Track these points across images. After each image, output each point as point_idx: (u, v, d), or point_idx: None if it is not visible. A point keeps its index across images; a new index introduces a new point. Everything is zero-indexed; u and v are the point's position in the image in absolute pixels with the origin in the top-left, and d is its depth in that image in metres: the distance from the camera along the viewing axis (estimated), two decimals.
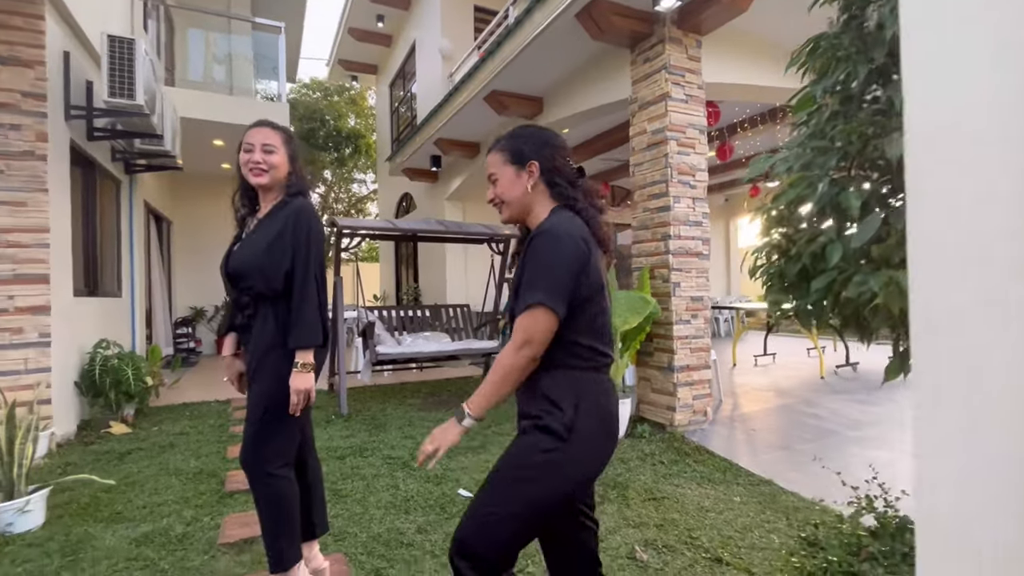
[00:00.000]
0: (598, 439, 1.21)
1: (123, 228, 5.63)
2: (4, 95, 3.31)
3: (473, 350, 5.12)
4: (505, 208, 1.34)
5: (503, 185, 1.31)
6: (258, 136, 1.72)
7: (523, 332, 1.14)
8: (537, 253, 1.18)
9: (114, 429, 3.95)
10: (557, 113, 5.54)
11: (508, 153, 1.32)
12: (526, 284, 1.17)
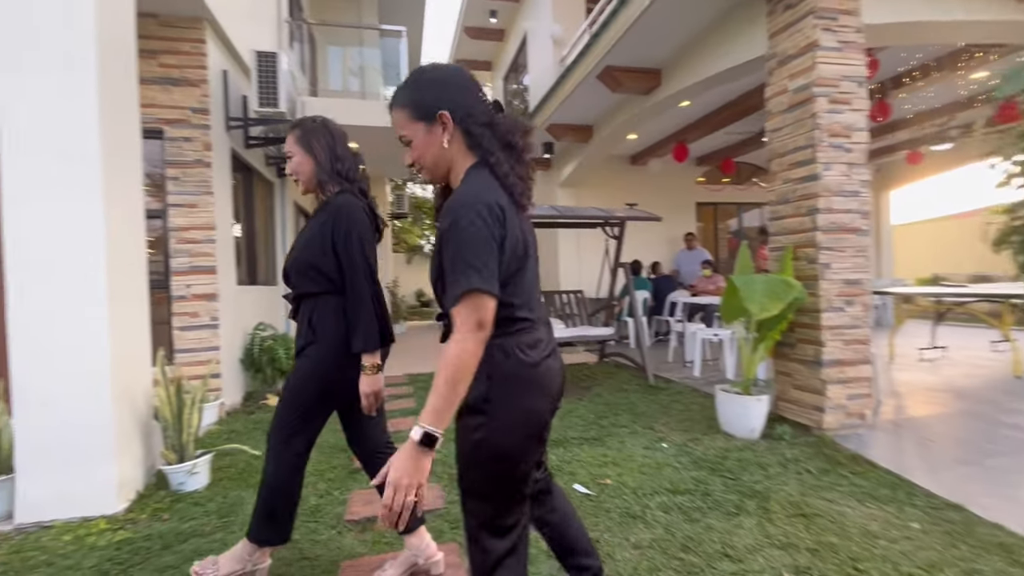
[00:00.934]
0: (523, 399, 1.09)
1: (276, 225, 6.38)
2: (177, 112, 3.88)
3: (588, 337, 4.95)
4: (426, 171, 1.17)
5: (418, 146, 1.13)
6: (286, 142, 1.78)
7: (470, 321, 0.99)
8: (454, 229, 1.01)
9: (269, 401, 4.48)
10: (677, 84, 5.08)
11: (411, 107, 1.12)
12: (452, 269, 1.01)
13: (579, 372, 5.57)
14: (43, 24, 2.31)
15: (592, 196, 8.58)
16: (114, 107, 2.50)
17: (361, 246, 1.67)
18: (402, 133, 1.14)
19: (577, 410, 4.01)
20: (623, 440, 3.28)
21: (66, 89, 2.33)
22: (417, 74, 1.16)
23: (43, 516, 2.31)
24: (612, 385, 4.87)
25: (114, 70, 2.51)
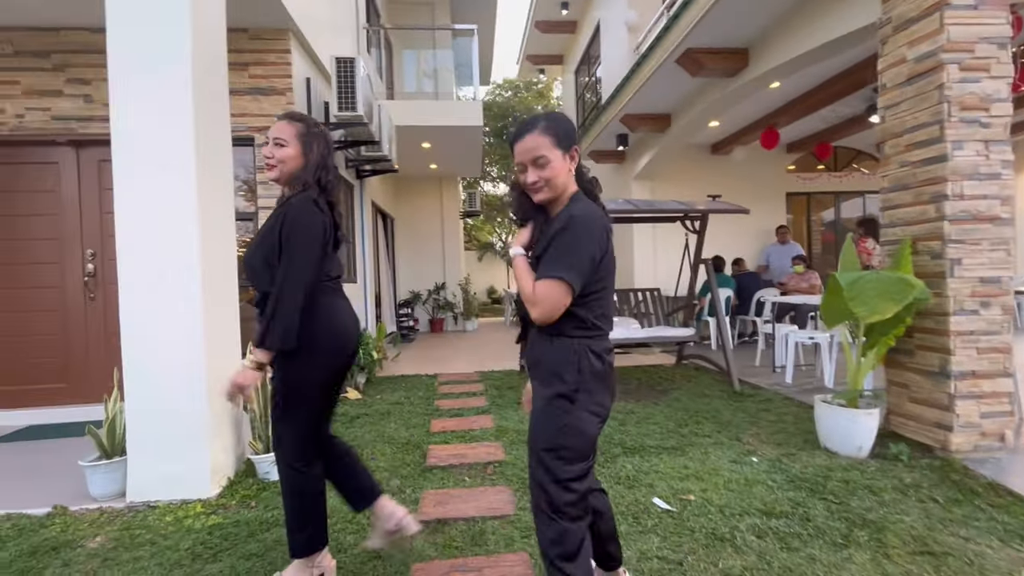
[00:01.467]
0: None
1: (356, 225, 6.66)
2: (266, 120, 4.11)
3: (665, 338, 4.67)
4: (547, 191, 1.35)
5: (553, 169, 1.32)
6: (273, 129, 1.71)
7: (537, 294, 1.26)
8: (570, 235, 1.26)
9: (350, 395, 4.66)
10: (766, 63, 4.64)
11: (555, 136, 1.33)
12: (553, 258, 1.26)
13: (655, 374, 5.29)
14: (147, 50, 2.49)
15: (669, 189, 8.16)
16: (207, 121, 2.66)
17: (302, 247, 1.60)
18: (543, 154, 1.32)
19: (654, 416, 3.79)
20: (706, 451, 3.03)
21: (166, 108, 2.50)
22: (557, 115, 1.41)
23: (150, 496, 2.51)
24: (692, 390, 4.56)
25: (207, 87, 2.66)
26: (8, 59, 3.97)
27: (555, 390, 1.32)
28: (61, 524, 2.31)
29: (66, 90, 4.02)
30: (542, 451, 1.34)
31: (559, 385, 1.32)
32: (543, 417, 1.35)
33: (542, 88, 18.91)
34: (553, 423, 1.32)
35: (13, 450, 3.46)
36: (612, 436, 3.31)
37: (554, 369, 1.33)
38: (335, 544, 2.09)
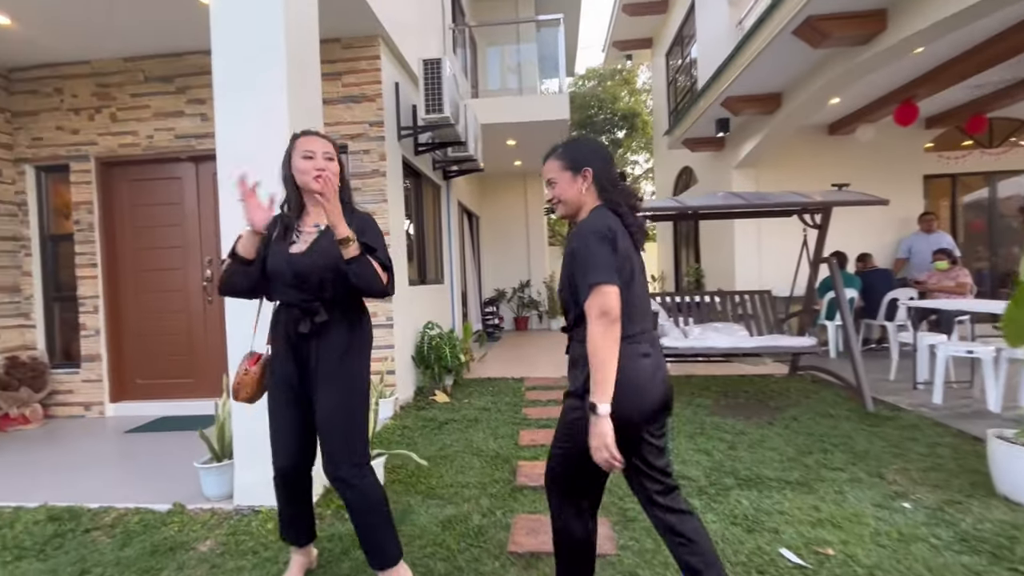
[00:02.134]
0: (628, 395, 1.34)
1: (443, 225, 6.71)
2: (358, 127, 4.18)
3: (780, 348, 4.15)
4: (561, 207, 1.56)
5: (560, 189, 1.54)
6: (318, 144, 1.78)
7: (597, 308, 1.31)
8: (583, 243, 1.38)
9: (438, 397, 4.67)
10: (910, 26, 3.92)
11: (567, 160, 1.53)
12: (582, 271, 1.36)
13: (766, 387, 4.73)
14: (245, 68, 2.55)
15: (776, 176, 7.34)
16: None
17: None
18: (551, 176, 1.56)
19: (769, 439, 3.34)
20: (841, 490, 2.58)
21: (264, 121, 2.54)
22: (575, 141, 1.59)
23: (254, 500, 2.59)
24: (813, 407, 4.01)
25: (301, 100, 2.68)
26: (140, 85, 4.39)
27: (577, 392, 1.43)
28: (179, 523, 2.45)
29: (186, 110, 4.36)
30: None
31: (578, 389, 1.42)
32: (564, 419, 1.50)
33: (627, 75, 18.13)
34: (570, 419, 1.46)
35: (147, 440, 3.82)
36: (722, 463, 2.94)
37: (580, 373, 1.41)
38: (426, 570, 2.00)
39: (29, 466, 3.34)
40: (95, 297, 4.48)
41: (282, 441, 1.82)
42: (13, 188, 4.51)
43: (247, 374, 1.81)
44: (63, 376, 4.53)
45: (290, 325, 1.76)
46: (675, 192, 11.00)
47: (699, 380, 5.11)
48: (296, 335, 1.75)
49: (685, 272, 10.14)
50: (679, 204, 3.96)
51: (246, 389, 1.82)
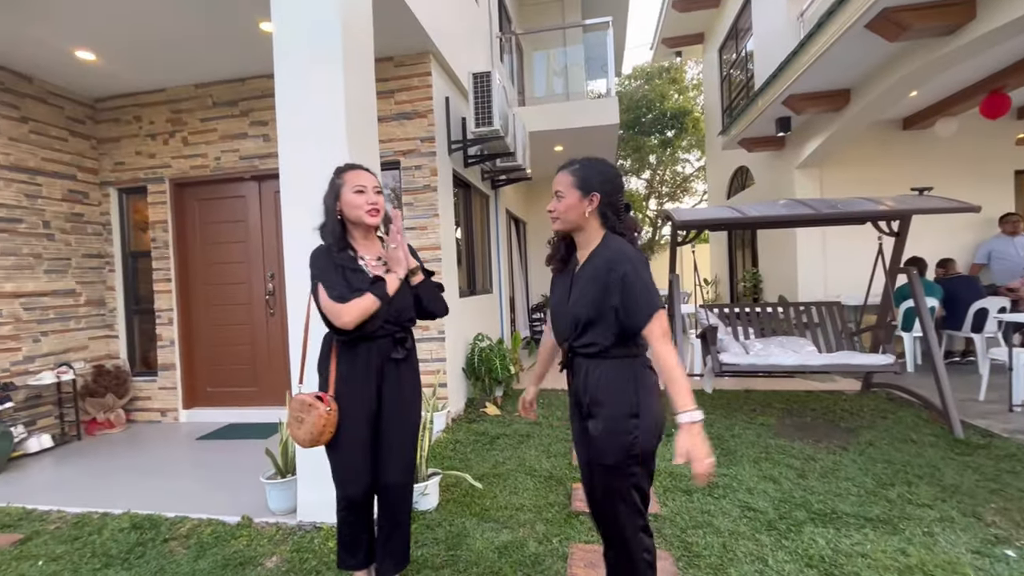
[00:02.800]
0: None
1: (491, 234, 6.73)
2: (410, 143, 4.24)
3: (853, 367, 3.85)
4: (559, 222, 1.61)
5: (565, 204, 1.57)
6: (368, 179, 1.85)
7: (661, 330, 1.44)
8: (636, 270, 1.46)
9: (488, 410, 4.66)
10: (1002, 15, 3.55)
11: (578, 179, 1.56)
12: (643, 295, 1.44)
13: (836, 406, 4.43)
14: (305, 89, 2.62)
15: (843, 176, 6.90)
16: (360, 151, 2.73)
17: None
18: (560, 189, 1.59)
19: (843, 467, 3.11)
20: (931, 530, 2.36)
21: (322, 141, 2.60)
22: (593, 162, 1.60)
23: (315, 517, 2.66)
24: (891, 431, 3.71)
25: (357, 121, 2.73)
26: (209, 110, 4.64)
27: (622, 410, 1.48)
28: (247, 536, 2.55)
29: (250, 132, 4.57)
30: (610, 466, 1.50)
31: (625, 405, 1.48)
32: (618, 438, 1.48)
33: (674, 73, 17.61)
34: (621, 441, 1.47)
35: (216, 447, 4.03)
36: (791, 494, 2.76)
37: (619, 388, 1.49)
38: None
39: (114, 470, 3.59)
40: (170, 310, 4.77)
41: (357, 468, 1.85)
42: (99, 209, 4.88)
43: (330, 412, 1.77)
44: (142, 383, 4.86)
45: (377, 354, 1.83)
46: (729, 193, 10.57)
47: (759, 396, 4.86)
48: (389, 361, 1.86)
49: (741, 277, 9.71)
50: (737, 214, 3.75)
51: (331, 428, 1.78)
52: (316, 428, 1.75)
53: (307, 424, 1.76)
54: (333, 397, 1.80)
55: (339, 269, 1.78)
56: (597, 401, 1.52)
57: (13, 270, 4.13)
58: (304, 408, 1.78)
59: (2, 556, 2.47)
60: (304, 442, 1.77)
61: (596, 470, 1.54)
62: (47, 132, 4.44)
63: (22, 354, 4.15)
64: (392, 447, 1.88)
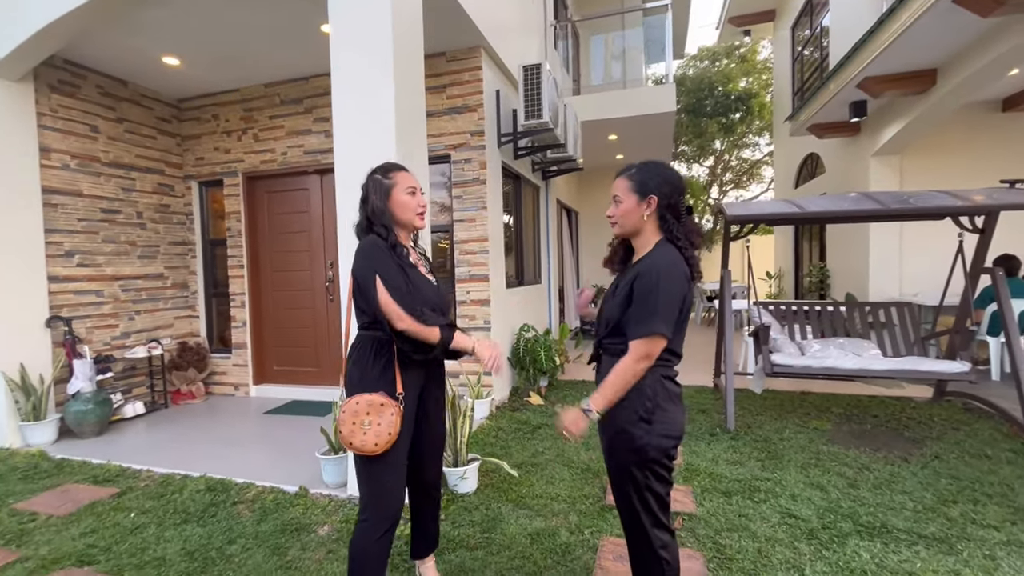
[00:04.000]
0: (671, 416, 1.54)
1: (541, 225, 6.76)
2: (460, 137, 4.34)
3: (921, 373, 3.59)
4: (617, 227, 1.63)
5: (623, 209, 1.59)
6: (416, 182, 1.84)
7: (643, 353, 1.46)
8: (657, 286, 1.46)
9: (532, 399, 4.75)
10: None
11: (635, 183, 1.57)
12: (648, 312, 1.46)
13: (901, 412, 4.15)
14: (359, 87, 2.77)
15: (927, 164, 6.33)
16: (408, 143, 2.85)
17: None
18: (617, 194, 1.60)
19: (901, 478, 2.94)
20: (993, 554, 2.20)
21: (376, 143, 2.74)
22: (652, 166, 1.59)
23: None
24: (962, 444, 3.44)
25: (407, 117, 2.85)
26: (277, 108, 4.96)
27: (631, 412, 1.50)
28: (303, 505, 2.79)
29: (313, 128, 4.85)
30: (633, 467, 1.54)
31: (635, 408, 1.50)
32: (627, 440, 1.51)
33: (745, 52, 16.63)
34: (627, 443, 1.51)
35: (280, 422, 4.38)
36: (839, 503, 2.66)
37: (633, 396, 1.50)
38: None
39: (194, 437, 4.00)
40: (242, 293, 5.20)
41: (403, 472, 1.75)
42: (183, 201, 5.36)
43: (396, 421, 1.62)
44: (219, 360, 5.34)
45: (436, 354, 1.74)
46: (798, 182, 9.96)
47: (816, 399, 4.63)
48: (434, 363, 1.87)
49: (807, 271, 9.17)
50: (794, 209, 3.56)
51: (398, 431, 1.63)
52: (394, 428, 1.60)
53: (379, 427, 1.59)
54: (399, 400, 1.66)
55: (399, 267, 1.70)
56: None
57: (113, 256, 4.65)
58: (374, 409, 1.60)
59: (103, 506, 2.85)
60: (376, 447, 1.58)
61: (608, 465, 1.61)
62: (139, 131, 4.93)
63: (119, 330, 4.69)
64: (435, 447, 1.94)
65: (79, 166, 4.38)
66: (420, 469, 1.91)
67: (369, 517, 1.67)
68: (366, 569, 1.65)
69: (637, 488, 1.53)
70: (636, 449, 1.49)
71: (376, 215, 1.75)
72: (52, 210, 4.16)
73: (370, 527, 1.66)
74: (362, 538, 1.65)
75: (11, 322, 3.82)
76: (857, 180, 6.86)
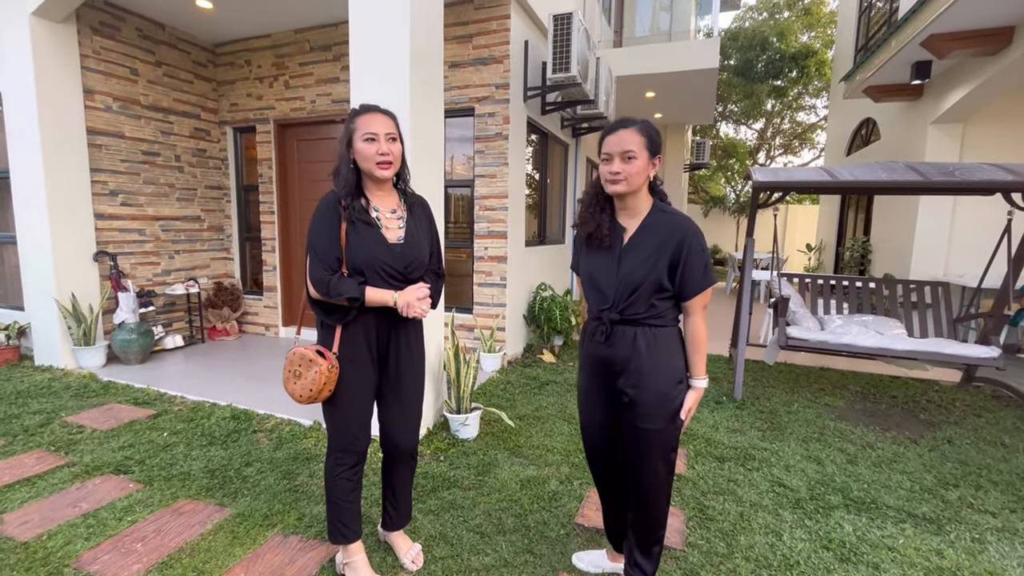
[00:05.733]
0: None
1: (568, 184, 6.65)
2: (484, 90, 4.26)
3: (944, 356, 3.46)
4: (624, 185, 1.50)
5: (637, 167, 1.48)
6: (380, 124, 1.64)
7: (703, 304, 1.55)
8: (703, 245, 1.50)
9: (544, 357, 4.85)
10: None
11: (648, 140, 1.49)
12: (700, 270, 1.50)
13: (921, 395, 4.03)
14: (376, 35, 2.75)
15: (993, 134, 5.81)
16: (421, 96, 2.85)
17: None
18: (632, 149, 1.48)
19: (904, 459, 2.90)
20: (982, 538, 2.18)
21: (387, 93, 2.74)
22: (651, 124, 1.52)
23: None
24: (980, 430, 3.34)
25: (421, 70, 2.83)
26: (306, 55, 4.97)
27: (671, 377, 1.55)
28: (315, 438, 3.00)
29: (341, 76, 4.85)
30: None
31: (677, 372, 1.56)
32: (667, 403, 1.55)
33: (809, 3, 15.32)
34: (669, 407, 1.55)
35: None
36: (832, 477, 2.66)
37: (668, 355, 1.55)
38: (497, 522, 2.20)
39: (225, 370, 4.30)
40: (272, 239, 5.40)
41: (362, 422, 1.76)
42: (218, 146, 5.53)
43: (332, 370, 1.65)
44: (251, 301, 5.64)
45: (386, 312, 1.70)
46: (851, 149, 9.34)
47: (834, 375, 4.54)
48: (398, 318, 1.73)
49: (848, 245, 8.75)
50: (826, 177, 3.36)
51: (331, 386, 1.67)
52: (316, 385, 1.63)
53: (305, 379, 1.64)
54: (336, 354, 1.68)
55: (335, 232, 1.63)
56: (642, 369, 1.53)
57: (153, 196, 4.89)
58: (304, 363, 1.65)
59: (141, 425, 3.15)
60: (300, 398, 1.66)
61: (640, 435, 1.55)
62: (177, 75, 5.05)
63: (160, 268, 4.99)
64: (405, 406, 1.83)
65: (120, 108, 4.56)
66: (386, 431, 1.87)
67: (328, 453, 1.80)
68: (331, 498, 1.80)
69: (669, 450, 1.58)
70: (674, 411, 1.55)
71: (340, 161, 1.68)
72: (97, 151, 4.39)
73: (329, 462, 1.79)
74: (327, 470, 1.80)
75: (62, 255, 4.12)
76: (913, 149, 6.39)
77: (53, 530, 2.10)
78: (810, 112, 17.82)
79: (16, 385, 3.77)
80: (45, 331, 4.22)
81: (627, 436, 1.60)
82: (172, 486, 2.47)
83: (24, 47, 3.89)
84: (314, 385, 1.63)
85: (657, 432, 1.55)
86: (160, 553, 1.98)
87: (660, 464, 1.58)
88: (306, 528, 2.16)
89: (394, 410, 1.84)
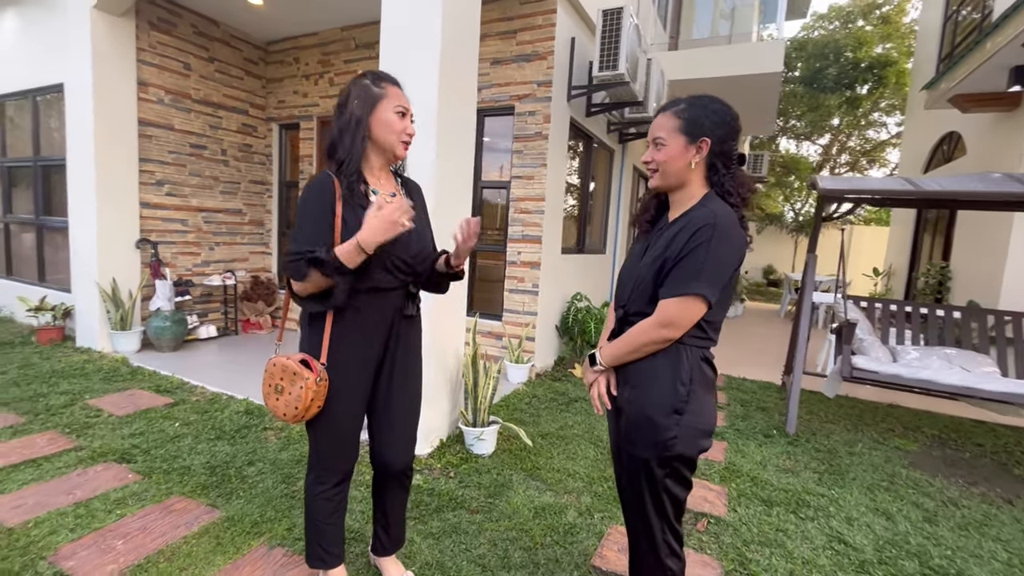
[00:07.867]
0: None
1: (612, 192, 6.35)
2: (526, 87, 4.07)
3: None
4: (659, 176, 1.34)
5: (668, 154, 1.30)
6: (406, 99, 1.50)
7: (670, 315, 1.22)
8: (710, 241, 1.19)
9: (576, 371, 4.55)
10: None
11: (684, 121, 1.29)
12: (693, 268, 1.20)
13: (1015, 446, 3.46)
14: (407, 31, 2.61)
15: None
16: (450, 95, 2.68)
17: None
18: (660, 135, 1.31)
19: (997, 522, 2.43)
20: None
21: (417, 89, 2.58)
22: (704, 99, 1.31)
23: None
24: None
25: (455, 66, 2.66)
26: (351, 52, 4.96)
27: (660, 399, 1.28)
28: None
29: None
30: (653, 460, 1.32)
31: (665, 394, 1.27)
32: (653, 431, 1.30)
33: (888, 12, 14.36)
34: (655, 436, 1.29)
35: None
36: (907, 538, 2.24)
37: (660, 371, 1.28)
38: (503, 554, 1.95)
39: (251, 364, 4.26)
40: None
41: (350, 439, 1.54)
42: (264, 142, 5.62)
43: (321, 383, 1.42)
44: None
45: (388, 310, 1.51)
46: (928, 166, 8.54)
47: (905, 414, 3.99)
48: (401, 319, 1.55)
49: (923, 271, 7.95)
50: (906, 186, 2.92)
51: (319, 402, 1.43)
52: (302, 403, 1.38)
53: (290, 396, 1.40)
54: (325, 365, 1.44)
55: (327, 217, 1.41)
56: (629, 380, 1.33)
57: (198, 188, 4.99)
58: (287, 375, 1.41)
59: (155, 413, 3.11)
60: (285, 416, 1.42)
61: (625, 457, 1.36)
62: (228, 72, 5.16)
63: (200, 258, 5.07)
64: (398, 422, 1.60)
65: (172, 101, 4.68)
66: (377, 447, 1.62)
67: (309, 469, 1.59)
68: (310, 518, 1.59)
69: (653, 487, 1.30)
70: (661, 443, 1.26)
71: (346, 129, 1.43)
72: (147, 141, 4.50)
73: (309, 478, 1.58)
74: (307, 488, 1.59)
75: (107, 240, 4.23)
76: (1007, 166, 5.68)
77: (42, 517, 2.02)
78: (880, 130, 16.64)
79: (53, 365, 3.86)
80: (87, 313, 4.33)
81: (617, 462, 1.45)
82: (170, 480, 2.36)
83: (84, 39, 4.04)
84: (299, 403, 1.39)
85: (639, 462, 1.29)
86: (138, 554, 1.84)
87: (648, 502, 1.32)
88: (294, 541, 1.98)
89: (386, 424, 1.60)
